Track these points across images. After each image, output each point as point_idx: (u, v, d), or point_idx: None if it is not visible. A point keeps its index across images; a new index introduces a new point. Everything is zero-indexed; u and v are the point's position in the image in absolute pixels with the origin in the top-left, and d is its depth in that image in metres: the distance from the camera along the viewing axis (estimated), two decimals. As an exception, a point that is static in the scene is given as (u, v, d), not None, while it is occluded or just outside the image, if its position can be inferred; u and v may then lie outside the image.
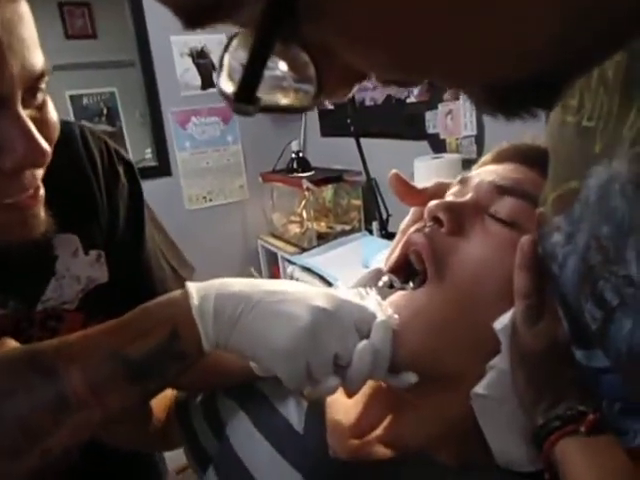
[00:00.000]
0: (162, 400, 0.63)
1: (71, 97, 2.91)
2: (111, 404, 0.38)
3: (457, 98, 1.49)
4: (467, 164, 1.44)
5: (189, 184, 2.20)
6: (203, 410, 0.58)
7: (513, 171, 0.45)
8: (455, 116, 1.52)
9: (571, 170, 0.31)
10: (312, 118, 2.31)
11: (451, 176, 0.50)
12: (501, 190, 0.43)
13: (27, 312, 0.53)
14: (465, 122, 1.48)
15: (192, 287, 0.40)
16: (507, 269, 0.37)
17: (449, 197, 0.46)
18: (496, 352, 0.37)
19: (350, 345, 0.38)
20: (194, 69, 2.13)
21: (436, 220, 0.43)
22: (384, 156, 1.80)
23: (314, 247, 1.85)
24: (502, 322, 0.37)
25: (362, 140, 1.76)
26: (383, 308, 0.41)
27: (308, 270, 1.63)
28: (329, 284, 1.46)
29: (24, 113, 0.38)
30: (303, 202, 2.01)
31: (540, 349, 0.35)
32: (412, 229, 0.46)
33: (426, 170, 1.35)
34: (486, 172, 0.46)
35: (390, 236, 1.72)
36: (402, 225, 0.49)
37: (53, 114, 0.43)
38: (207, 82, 2.16)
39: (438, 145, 1.60)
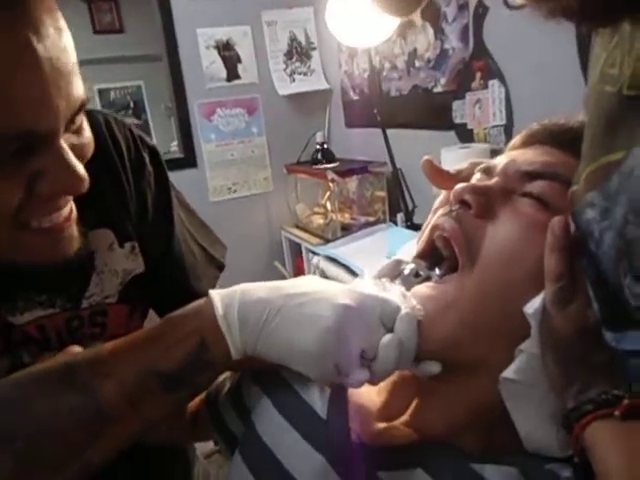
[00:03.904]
0: None
1: (99, 91, 2.97)
2: (147, 415, 0.39)
3: (485, 87, 1.46)
4: (495, 154, 1.41)
5: (214, 176, 2.22)
6: (231, 398, 0.58)
7: (543, 154, 0.43)
8: (483, 105, 1.48)
9: (611, 142, 0.30)
10: (336, 109, 2.29)
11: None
12: (529, 176, 0.42)
13: (75, 310, 0.54)
14: (494, 111, 1.45)
15: (215, 296, 0.40)
16: (539, 251, 0.36)
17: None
18: (524, 336, 0.37)
19: (376, 340, 0.38)
20: (219, 61, 2.14)
21: (463, 203, 0.42)
22: (410, 147, 1.78)
23: (338, 238, 1.85)
24: (533, 306, 0.36)
25: (387, 131, 1.75)
26: (407, 300, 0.41)
27: (333, 261, 1.63)
28: (355, 274, 1.46)
29: (64, 142, 0.38)
30: (327, 193, 2.01)
31: (571, 332, 0.34)
32: (438, 213, 0.45)
33: (454, 160, 1.33)
34: (512, 157, 0.44)
35: (416, 227, 1.70)
36: (435, 205, 0.48)
37: (88, 133, 0.44)
38: (232, 74, 2.17)
39: (465, 135, 1.57)
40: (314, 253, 1.87)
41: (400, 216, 1.78)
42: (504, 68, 1.41)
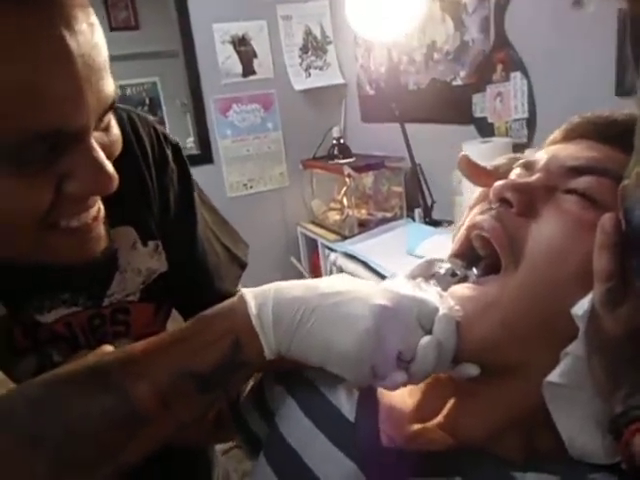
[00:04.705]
0: None
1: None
2: (181, 416, 0.38)
3: (507, 79, 1.43)
4: (518, 148, 1.38)
5: (230, 171, 2.22)
6: (253, 399, 0.58)
7: (587, 149, 0.41)
8: (505, 98, 1.45)
9: None
10: (352, 104, 2.27)
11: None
12: (574, 172, 0.40)
13: (96, 308, 0.54)
14: (515, 104, 1.42)
15: (249, 295, 0.39)
16: (586, 250, 0.35)
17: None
18: (567, 338, 0.35)
19: (413, 341, 0.37)
20: (235, 56, 2.13)
21: (503, 201, 0.40)
22: (428, 141, 1.76)
23: (355, 234, 1.83)
24: (582, 307, 0.34)
25: (405, 125, 1.72)
26: (444, 300, 0.39)
27: (351, 257, 1.61)
28: (374, 271, 1.44)
29: (94, 141, 0.38)
30: (344, 189, 1.99)
31: (621, 334, 0.32)
32: (475, 210, 0.44)
33: (475, 155, 1.29)
34: (554, 153, 0.42)
35: (435, 223, 1.68)
36: (470, 202, 0.47)
37: (116, 130, 0.43)
38: (248, 69, 2.16)
39: (485, 129, 1.54)
40: (330, 249, 1.85)
41: (418, 212, 1.76)
42: (527, 60, 1.37)
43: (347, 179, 1.91)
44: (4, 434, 0.34)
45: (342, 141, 2.10)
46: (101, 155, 0.38)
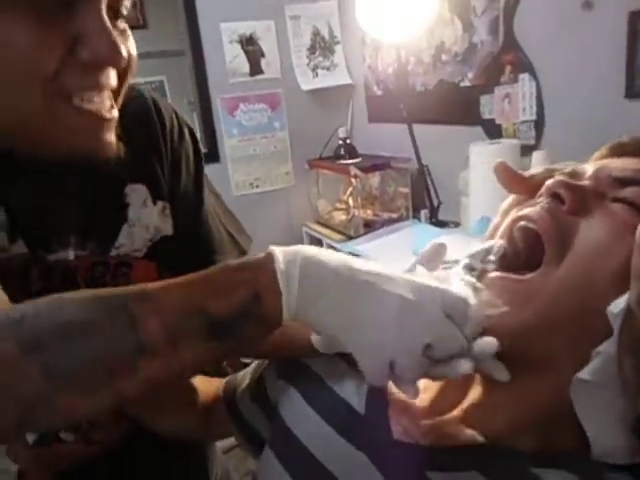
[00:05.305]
0: (210, 389, 0.64)
1: (123, 86, 3.00)
2: (186, 359, 0.37)
3: (515, 81, 1.42)
4: (525, 150, 1.38)
5: (236, 170, 2.22)
6: (250, 392, 0.58)
7: (634, 164, 0.42)
8: (513, 100, 1.45)
9: None
10: (359, 104, 2.27)
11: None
12: (622, 182, 0.41)
13: (103, 257, 0.55)
14: (524, 106, 1.41)
15: (277, 251, 0.38)
16: (628, 252, 0.35)
17: None
18: (600, 339, 0.36)
19: (443, 333, 0.37)
20: (243, 56, 2.14)
21: (555, 197, 0.41)
22: (435, 142, 1.75)
23: (361, 235, 1.83)
24: (618, 306, 0.35)
25: (413, 126, 1.72)
26: (482, 294, 0.39)
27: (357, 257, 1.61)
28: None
29: (108, 19, 0.41)
30: (350, 189, 1.99)
31: None
32: (512, 212, 0.45)
33: (482, 156, 1.30)
34: (602, 164, 0.44)
35: (441, 224, 1.68)
36: (502, 206, 0.48)
37: (134, 47, 0.46)
38: (255, 68, 2.17)
39: (493, 131, 1.54)
40: (336, 249, 1.85)
41: (424, 212, 1.76)
42: (535, 61, 1.37)
43: (353, 179, 1.91)
44: (7, 339, 0.34)
45: (348, 141, 2.10)
46: (111, 27, 0.41)
